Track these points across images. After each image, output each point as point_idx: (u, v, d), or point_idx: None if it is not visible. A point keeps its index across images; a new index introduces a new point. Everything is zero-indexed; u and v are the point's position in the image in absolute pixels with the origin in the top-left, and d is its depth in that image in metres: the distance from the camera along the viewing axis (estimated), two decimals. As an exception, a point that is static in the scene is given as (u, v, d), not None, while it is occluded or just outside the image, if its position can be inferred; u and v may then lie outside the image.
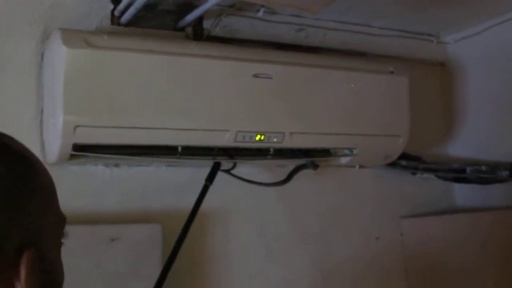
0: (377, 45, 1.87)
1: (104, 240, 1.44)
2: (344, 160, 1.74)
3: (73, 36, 1.39)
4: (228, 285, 1.66)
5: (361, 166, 1.86)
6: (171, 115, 1.45)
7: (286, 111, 1.55)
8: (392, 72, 1.72)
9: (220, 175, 1.59)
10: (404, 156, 1.84)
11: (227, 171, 1.63)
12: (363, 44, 1.87)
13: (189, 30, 1.67)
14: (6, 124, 1.44)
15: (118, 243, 1.45)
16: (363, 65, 1.70)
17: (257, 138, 1.54)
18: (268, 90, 1.53)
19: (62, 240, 0.78)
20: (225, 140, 1.51)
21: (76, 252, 1.41)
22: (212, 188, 1.58)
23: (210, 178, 1.60)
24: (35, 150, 1.46)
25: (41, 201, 0.71)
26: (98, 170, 1.54)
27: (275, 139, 1.56)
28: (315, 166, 1.68)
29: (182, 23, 1.64)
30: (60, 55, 1.36)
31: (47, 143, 1.45)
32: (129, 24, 1.60)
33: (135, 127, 1.42)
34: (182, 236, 1.52)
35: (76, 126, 1.36)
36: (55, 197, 0.78)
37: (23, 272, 0.65)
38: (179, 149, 1.51)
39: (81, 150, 1.44)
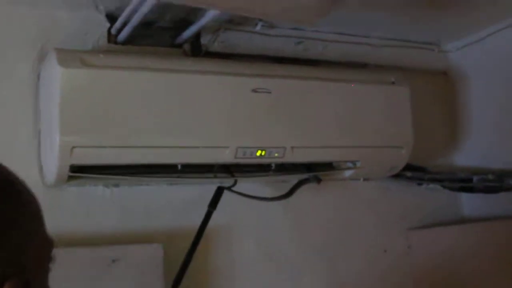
0: (378, 56, 1.85)
1: (105, 262, 1.42)
2: (347, 173, 1.71)
3: (69, 56, 1.37)
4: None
5: (365, 179, 1.83)
6: (170, 133, 1.43)
7: (286, 126, 1.53)
8: (393, 83, 1.69)
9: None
10: (409, 167, 1.80)
11: (228, 188, 1.61)
12: (364, 56, 1.85)
13: (187, 46, 1.66)
14: (3, 146, 1.44)
15: (119, 264, 1.42)
16: (363, 76, 1.68)
17: (258, 153, 1.52)
18: (267, 105, 1.51)
19: (50, 265, 0.75)
20: (225, 156, 1.49)
21: (76, 274, 1.40)
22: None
23: (214, 204, 1.58)
24: (33, 172, 1.48)
25: (25, 227, 0.69)
26: (97, 191, 1.52)
27: (276, 154, 1.54)
28: (318, 180, 1.66)
29: (179, 39, 1.63)
30: (56, 75, 1.34)
31: (45, 164, 1.43)
32: (126, 42, 1.59)
33: (133, 146, 1.40)
34: (187, 260, 1.50)
35: (73, 147, 1.34)
36: (41, 220, 0.76)
37: None
38: (179, 167, 1.48)
39: (80, 171, 1.42)
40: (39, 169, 1.45)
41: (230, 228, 1.66)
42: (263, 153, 1.52)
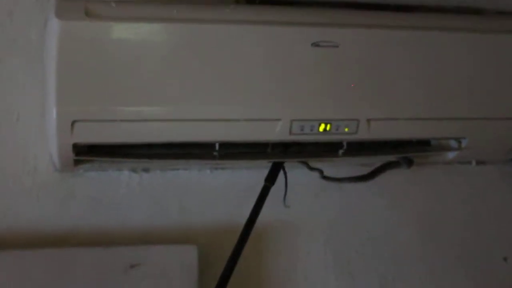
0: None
1: (121, 267, 1.13)
2: (451, 155, 1.29)
3: (71, 5, 1.07)
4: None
5: (479, 162, 1.41)
6: (202, 102, 1.09)
7: (359, 91, 1.14)
8: (515, 31, 1.24)
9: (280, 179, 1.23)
10: (541, 146, 1.36)
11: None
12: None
13: (240, -7, 1.33)
14: (10, 122, 1.20)
15: (139, 270, 1.13)
16: (473, 24, 1.24)
17: (321, 128, 1.15)
18: (333, 63, 1.12)
19: None
20: (276, 132, 1.13)
21: (87, 281, 1.13)
22: (271, 197, 1.22)
23: (271, 178, 1.24)
24: (43, 155, 1.19)
25: None
26: (122, 177, 1.23)
27: (346, 129, 1.16)
28: (410, 163, 1.26)
29: (230, -16, 1.31)
30: (53, 30, 1.05)
31: (49, 144, 1.16)
32: (161, -11, 1.29)
33: (153, 120, 1.09)
34: (233, 260, 1.17)
35: (74, 121, 1.06)
36: None
37: None
38: (217, 146, 1.16)
39: (91, 151, 1.14)
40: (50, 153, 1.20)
41: (292, 225, 1.30)
42: (328, 128, 1.15)
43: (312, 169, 1.29)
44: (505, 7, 1.41)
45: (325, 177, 1.31)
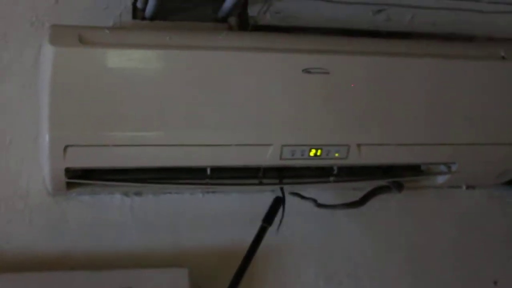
0: (485, 26, 1.41)
1: (112, 291, 1.14)
2: (440, 179, 1.31)
3: (65, 32, 1.09)
4: None
5: (469, 186, 1.41)
6: (194, 128, 1.10)
7: (350, 117, 1.15)
8: (503, 58, 1.25)
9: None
10: (530, 171, 1.37)
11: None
12: (466, 25, 1.42)
13: (232, 20, 1.34)
14: (5, 146, 1.21)
15: (129, 294, 1.14)
16: (461, 51, 1.25)
17: (312, 153, 1.16)
18: (324, 89, 1.14)
19: None
20: (267, 158, 1.14)
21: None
22: (258, 219, 1.23)
23: (268, 219, 1.24)
24: (36, 179, 1.21)
25: None
26: (115, 200, 1.24)
27: (336, 154, 1.17)
28: (400, 188, 1.27)
29: (222, 12, 1.32)
30: (47, 56, 1.06)
31: (42, 168, 1.16)
32: (155, 17, 1.30)
33: (145, 145, 1.10)
34: None
35: (67, 146, 1.07)
36: None
37: None
38: (208, 171, 1.17)
39: (84, 176, 1.15)
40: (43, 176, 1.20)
41: (282, 247, 1.31)
42: (318, 153, 1.16)
43: (305, 198, 1.29)
44: (495, 34, 1.43)
45: (319, 205, 1.31)
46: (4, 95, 1.21)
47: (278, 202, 1.27)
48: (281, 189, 1.27)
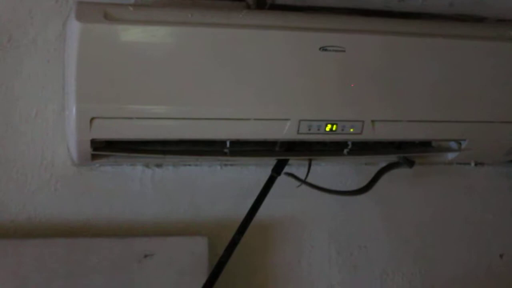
0: (500, 7, 1.44)
1: (136, 257, 1.18)
2: (450, 155, 1.35)
3: (91, 8, 1.12)
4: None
5: (478, 163, 1.46)
6: (215, 102, 1.15)
7: (364, 93, 1.19)
8: (513, 39, 1.29)
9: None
10: (537, 148, 1.40)
11: (294, 176, 1.32)
12: (481, 6, 1.45)
13: (250, -2, 1.37)
14: (28, 120, 1.25)
15: (152, 259, 1.18)
16: (474, 31, 1.29)
17: (327, 128, 1.20)
18: (339, 67, 1.18)
19: None
20: (285, 132, 1.19)
21: (102, 270, 1.19)
22: (278, 191, 1.28)
23: (278, 169, 1.29)
24: (61, 150, 1.27)
25: None
26: (136, 171, 1.29)
27: (351, 130, 1.21)
28: (411, 164, 1.31)
29: (240, -11, 1.35)
30: (73, 32, 1.10)
31: (68, 140, 1.21)
32: (177, -6, 1.34)
33: (167, 118, 1.14)
34: (236, 237, 1.22)
35: (93, 118, 1.11)
36: None
37: None
38: (227, 144, 1.21)
39: (109, 147, 1.20)
40: (67, 147, 1.25)
41: (298, 219, 1.36)
42: (334, 128, 1.21)
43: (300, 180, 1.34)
44: (505, 15, 1.46)
45: (323, 189, 1.34)
46: (30, 69, 1.25)
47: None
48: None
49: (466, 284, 1.44)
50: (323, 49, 1.18)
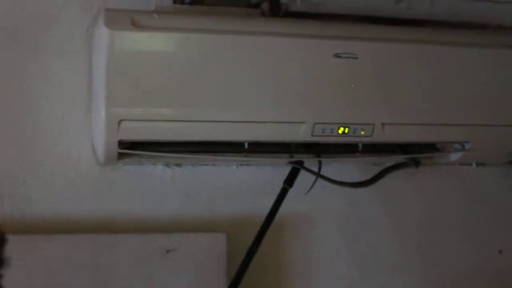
0: (501, 15, 1.51)
1: (158, 252, 1.25)
2: (454, 156, 1.42)
3: (119, 16, 1.19)
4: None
5: (479, 164, 1.53)
6: (235, 106, 1.22)
7: (375, 98, 1.27)
8: (514, 46, 1.37)
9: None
10: (536, 151, 1.48)
11: (306, 168, 1.38)
12: (482, 14, 1.52)
13: (265, 6, 1.43)
14: (54, 121, 1.31)
15: (174, 255, 1.25)
16: (477, 39, 1.36)
17: (340, 131, 1.27)
18: (352, 73, 1.25)
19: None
20: (300, 134, 1.26)
21: (126, 264, 1.25)
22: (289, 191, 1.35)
23: (290, 181, 1.36)
24: (86, 150, 1.33)
25: None
26: (157, 171, 1.35)
27: (362, 132, 1.28)
28: (417, 164, 1.38)
29: (256, -3, 1.42)
30: (103, 38, 1.16)
31: (95, 141, 1.27)
32: (194, 1, 1.40)
33: (190, 121, 1.21)
34: (252, 249, 1.30)
35: (121, 120, 1.17)
36: None
37: None
38: (246, 145, 1.28)
39: (132, 148, 1.26)
40: (92, 147, 1.31)
41: (308, 217, 1.43)
42: (346, 131, 1.28)
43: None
44: (507, 22, 1.53)
45: (333, 181, 1.40)
46: (56, 72, 1.31)
47: (297, 168, 1.37)
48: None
49: (468, 278, 1.51)
50: (337, 56, 1.25)
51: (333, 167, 1.43)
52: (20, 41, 1.29)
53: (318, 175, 1.36)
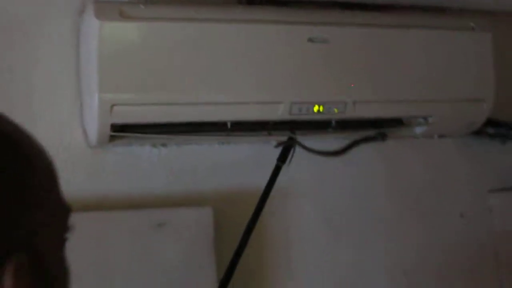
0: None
1: (151, 226, 1.34)
2: (418, 130, 1.55)
3: (107, 8, 1.27)
4: (291, 272, 1.52)
5: (441, 136, 1.65)
6: (218, 88, 1.32)
7: (346, 78, 1.38)
8: (473, 29, 1.49)
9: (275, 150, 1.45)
10: (491, 123, 1.60)
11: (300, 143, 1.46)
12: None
13: (242, -6, 1.52)
14: (46, 106, 1.38)
15: (166, 228, 1.35)
16: (437, 22, 1.49)
17: (315, 109, 1.38)
18: (325, 56, 1.36)
19: (67, 235, 0.66)
20: (279, 113, 1.36)
21: (121, 238, 1.34)
22: (266, 164, 1.43)
23: (283, 158, 1.43)
24: (77, 134, 1.41)
25: (35, 193, 0.58)
26: (144, 151, 1.43)
27: (335, 110, 1.39)
28: (383, 137, 1.50)
29: (232, -14, 1.50)
30: (93, 29, 1.25)
31: (86, 125, 1.35)
32: (174, -10, 1.48)
33: (177, 104, 1.30)
34: (250, 224, 1.38)
35: (113, 105, 1.26)
36: (55, 184, 0.64)
37: (8, 283, 0.53)
38: (229, 125, 1.38)
39: (122, 130, 1.34)
40: (82, 130, 1.39)
41: (285, 189, 1.51)
42: (321, 109, 1.38)
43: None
44: (467, 6, 1.65)
45: (310, 149, 1.49)
46: (46, 60, 1.38)
47: (290, 144, 1.44)
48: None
49: (434, 242, 1.63)
50: (311, 40, 1.35)
51: (309, 143, 1.53)
52: (8, 31, 1.35)
53: (306, 148, 1.45)
